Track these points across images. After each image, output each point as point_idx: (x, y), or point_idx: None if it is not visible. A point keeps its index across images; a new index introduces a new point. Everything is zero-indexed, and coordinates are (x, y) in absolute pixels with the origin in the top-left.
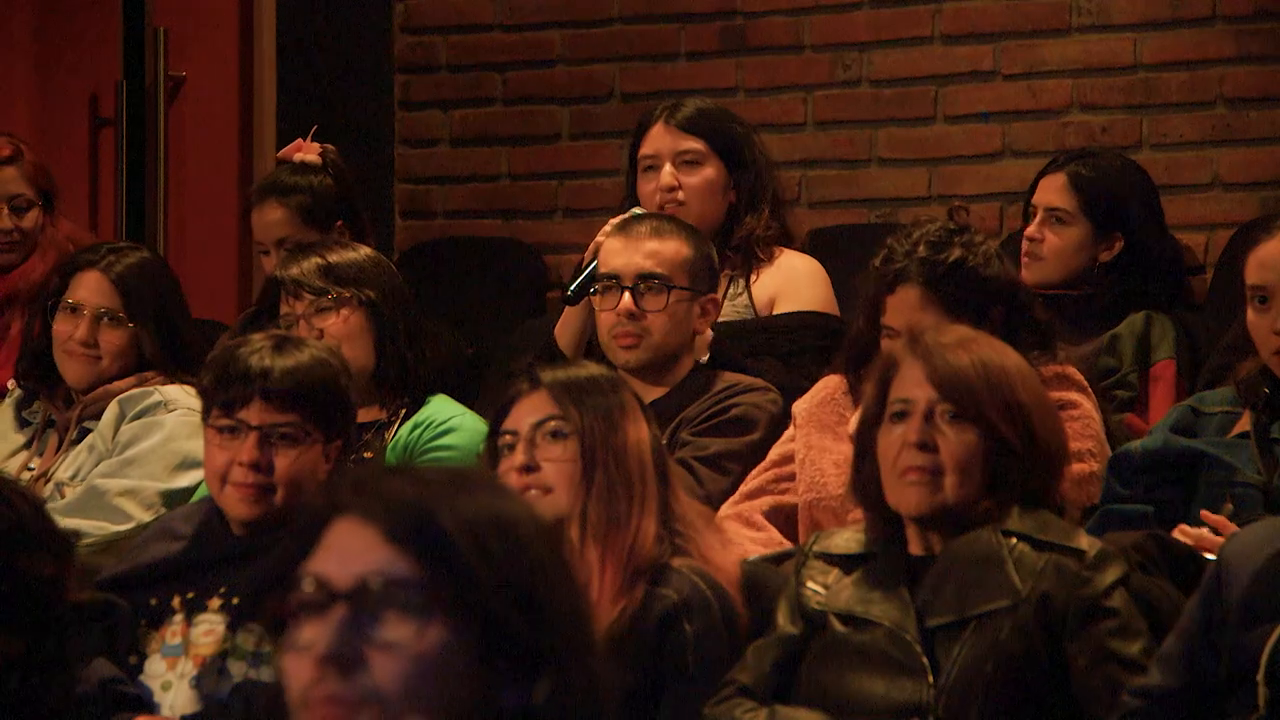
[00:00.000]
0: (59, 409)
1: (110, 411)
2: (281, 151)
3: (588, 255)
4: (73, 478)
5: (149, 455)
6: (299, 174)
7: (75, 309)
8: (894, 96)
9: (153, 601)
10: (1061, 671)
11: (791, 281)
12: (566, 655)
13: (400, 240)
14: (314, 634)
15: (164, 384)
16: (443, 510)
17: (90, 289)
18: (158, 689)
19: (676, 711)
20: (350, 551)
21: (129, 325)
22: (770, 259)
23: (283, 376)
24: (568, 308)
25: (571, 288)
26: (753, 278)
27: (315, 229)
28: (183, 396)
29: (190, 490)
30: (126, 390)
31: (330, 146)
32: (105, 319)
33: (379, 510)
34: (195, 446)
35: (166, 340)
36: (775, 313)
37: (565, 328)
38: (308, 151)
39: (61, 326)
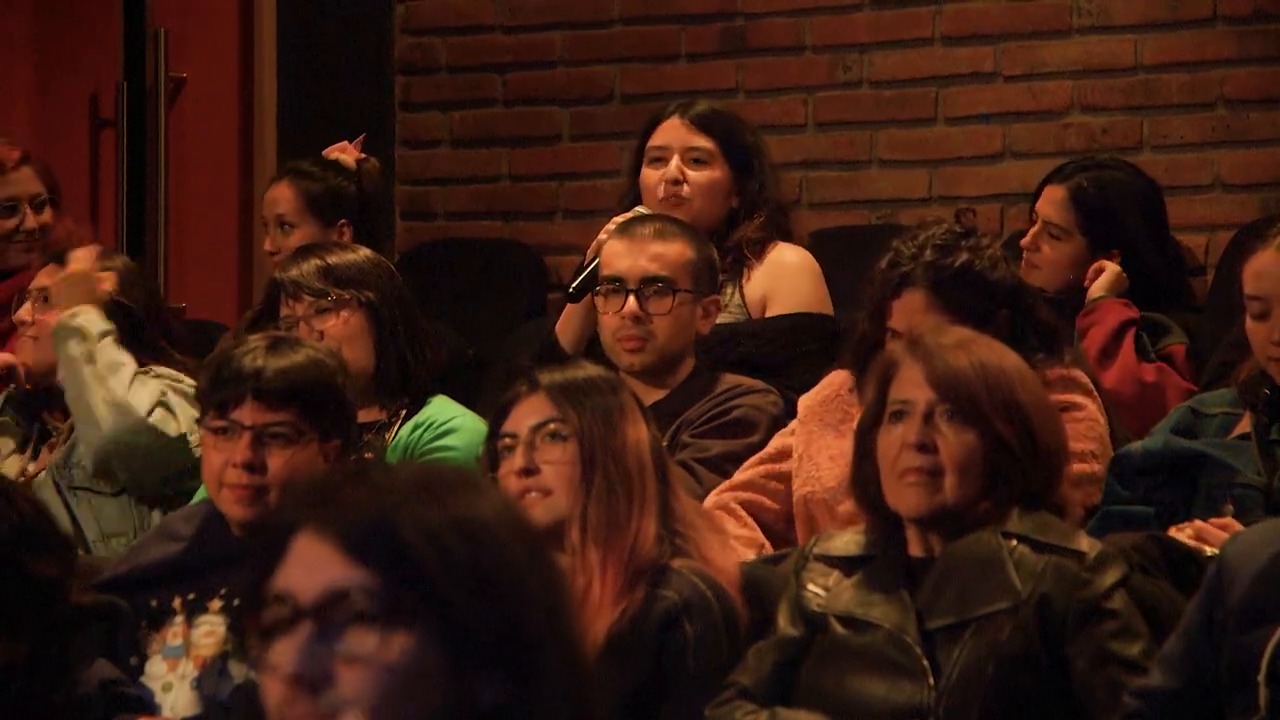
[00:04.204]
0: (58, 418)
1: None
2: (326, 150)
3: (590, 252)
4: (66, 462)
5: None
6: (324, 167)
7: (24, 294)
8: (894, 98)
9: (153, 603)
10: (1062, 673)
11: (782, 280)
12: (544, 651)
13: (401, 242)
14: (283, 652)
15: (156, 364)
16: (402, 518)
17: (42, 275)
18: (159, 690)
19: (677, 713)
20: (311, 566)
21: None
22: (760, 256)
23: (275, 376)
24: (569, 305)
25: (573, 285)
26: (744, 278)
27: (317, 219)
28: (176, 374)
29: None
30: None
31: (374, 160)
32: (45, 298)
33: (336, 523)
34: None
35: (127, 330)
36: (767, 314)
37: (567, 325)
38: (347, 153)
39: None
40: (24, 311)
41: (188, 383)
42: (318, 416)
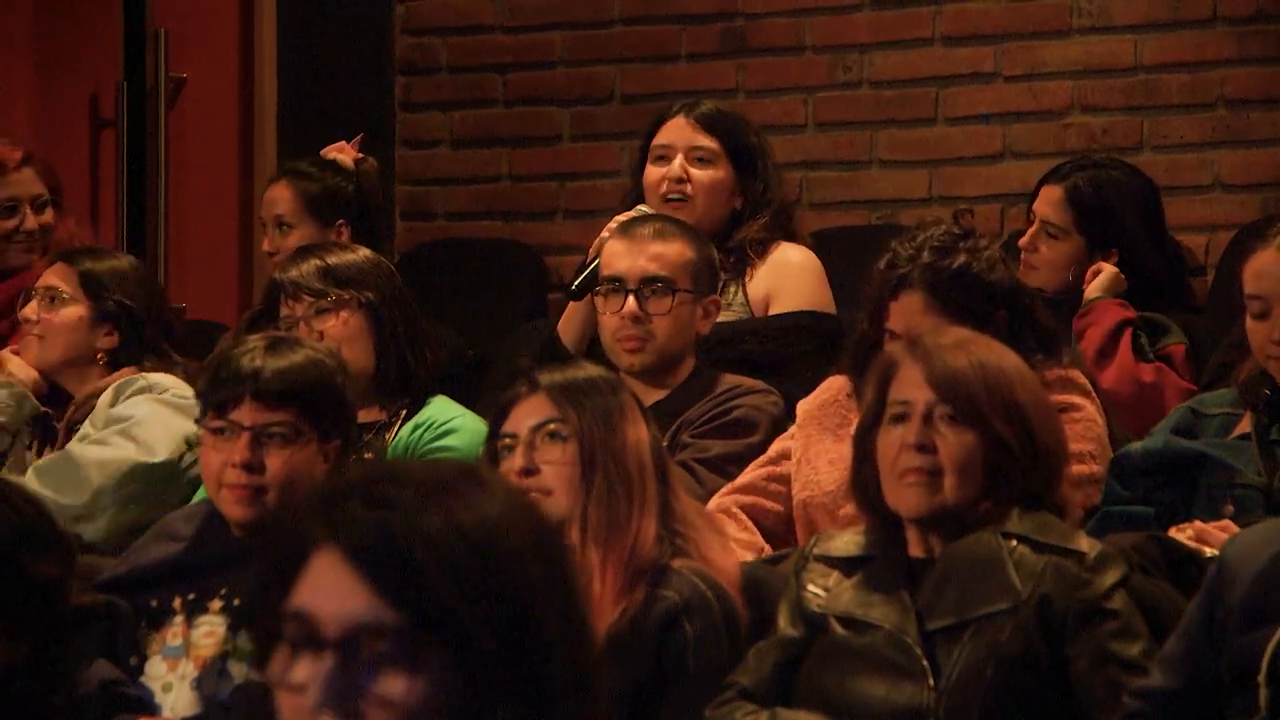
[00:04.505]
0: (58, 415)
1: (104, 397)
2: (323, 150)
3: (592, 251)
4: None
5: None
6: (322, 167)
7: (29, 294)
8: (895, 98)
9: (153, 603)
10: (1062, 673)
11: (786, 279)
12: (553, 656)
13: (401, 242)
14: (306, 676)
15: (154, 370)
16: (414, 539)
17: (49, 274)
18: (159, 690)
19: (677, 713)
20: (333, 592)
21: (72, 305)
22: (763, 256)
23: (274, 376)
24: (571, 304)
25: (575, 283)
26: (747, 277)
27: (315, 220)
28: (169, 381)
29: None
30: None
31: (372, 160)
32: (51, 298)
33: (354, 545)
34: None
35: (130, 331)
36: (770, 313)
37: (568, 324)
38: (345, 153)
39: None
40: (29, 310)
41: (175, 391)
42: (317, 416)
